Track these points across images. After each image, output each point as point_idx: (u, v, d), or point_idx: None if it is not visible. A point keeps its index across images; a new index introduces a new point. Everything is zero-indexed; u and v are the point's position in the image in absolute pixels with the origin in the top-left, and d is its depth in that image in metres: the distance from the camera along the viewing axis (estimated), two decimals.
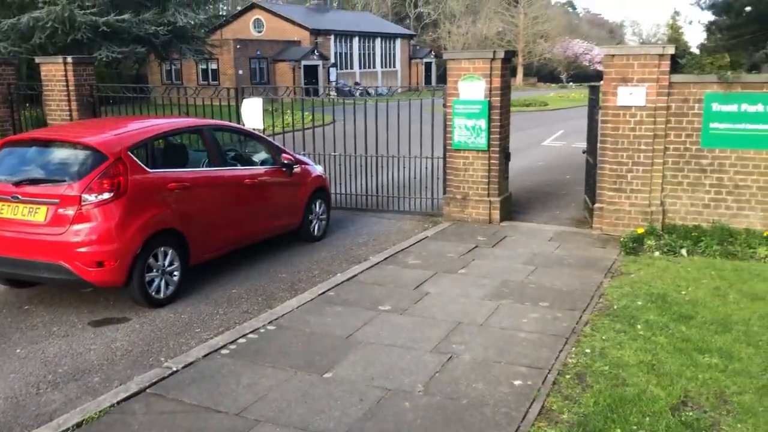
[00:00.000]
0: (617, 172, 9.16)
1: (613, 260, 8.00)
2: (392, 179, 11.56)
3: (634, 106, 8.92)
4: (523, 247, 8.60)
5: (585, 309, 6.30)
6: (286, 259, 8.33)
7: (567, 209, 11.05)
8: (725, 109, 8.66)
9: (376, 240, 9.25)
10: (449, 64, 9.82)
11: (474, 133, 9.70)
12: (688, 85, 8.80)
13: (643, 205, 9.11)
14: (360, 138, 11.05)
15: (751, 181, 8.68)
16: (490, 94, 9.61)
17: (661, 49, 8.73)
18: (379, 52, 59.01)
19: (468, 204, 10.05)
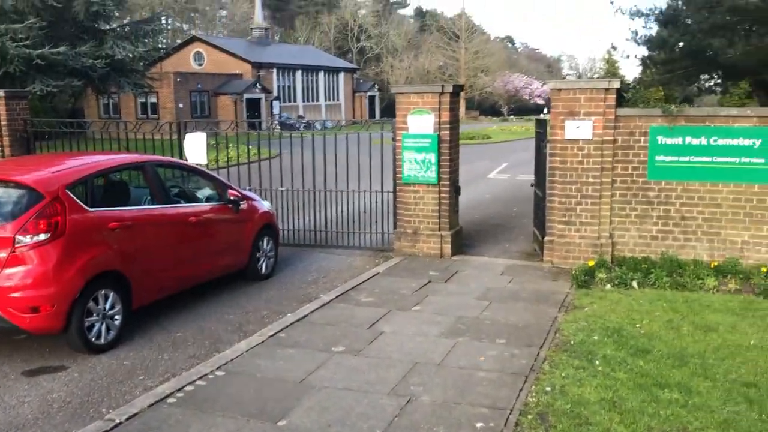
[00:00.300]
0: (566, 204, 9.22)
1: (566, 293, 7.98)
2: (341, 214, 11.38)
3: (581, 140, 9.03)
4: (476, 281, 8.52)
5: (542, 345, 6.20)
6: (233, 300, 8.01)
7: (516, 242, 11.07)
8: (670, 142, 8.84)
9: (327, 277, 9.02)
10: (398, 98, 9.78)
11: (424, 166, 9.64)
12: (634, 118, 8.96)
13: (593, 237, 9.17)
14: (307, 172, 10.87)
15: (697, 212, 8.85)
16: (440, 127, 9.60)
17: (606, 83, 8.88)
18: (323, 86, 59.19)
19: (419, 238, 9.94)
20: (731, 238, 8.76)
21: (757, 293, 7.79)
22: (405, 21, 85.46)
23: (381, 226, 10.74)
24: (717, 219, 8.78)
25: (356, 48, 75.64)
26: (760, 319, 6.81)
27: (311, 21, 76.19)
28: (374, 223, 10.91)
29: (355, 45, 75.54)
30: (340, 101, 61.48)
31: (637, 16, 24.95)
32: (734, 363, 5.64)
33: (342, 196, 11.21)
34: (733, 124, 8.58)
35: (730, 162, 8.63)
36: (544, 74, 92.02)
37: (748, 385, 5.19)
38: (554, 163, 9.23)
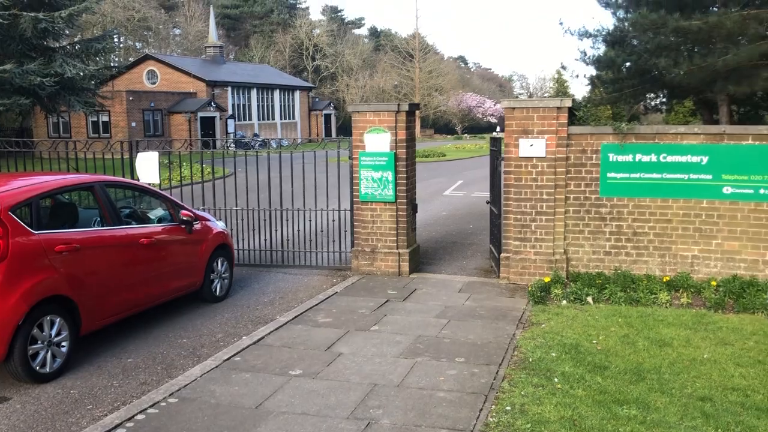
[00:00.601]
0: (521, 221, 9.29)
1: (523, 310, 8.01)
2: (297, 233, 11.26)
3: (535, 157, 9.13)
4: (434, 299, 8.49)
5: (501, 363, 6.19)
6: (186, 323, 7.81)
7: (473, 259, 11.10)
8: (621, 159, 9.00)
9: (283, 298, 8.88)
10: (354, 116, 9.76)
11: (381, 184, 9.62)
12: (586, 136, 9.11)
13: (548, 253, 9.25)
14: (263, 190, 10.74)
15: (648, 228, 9.02)
16: (396, 146, 9.60)
17: (558, 101, 9.01)
18: (278, 104, 58.98)
19: (377, 257, 9.89)
20: (682, 253, 8.94)
21: (708, 307, 7.94)
22: (360, 40, 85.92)
23: (338, 244, 10.67)
24: (668, 234, 8.96)
25: (312, 67, 75.72)
26: (712, 333, 6.93)
27: (266, 40, 76.04)
28: (331, 242, 10.83)
29: (311, 64, 75.62)
30: (296, 119, 61.33)
31: (585, 36, 25.58)
32: (689, 377, 5.71)
33: (299, 215, 11.13)
34: (681, 141, 8.79)
35: (679, 178, 8.83)
36: (496, 93, 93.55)
37: (704, 399, 5.26)
38: (509, 181, 9.31)
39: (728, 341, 6.68)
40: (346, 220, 10.43)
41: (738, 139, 8.58)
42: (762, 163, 8.47)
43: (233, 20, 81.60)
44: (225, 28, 78.34)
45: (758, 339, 6.73)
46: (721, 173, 8.67)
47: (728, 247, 8.75)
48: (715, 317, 7.54)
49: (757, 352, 6.34)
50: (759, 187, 8.52)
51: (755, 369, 5.90)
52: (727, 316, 7.64)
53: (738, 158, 8.58)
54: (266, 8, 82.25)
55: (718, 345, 6.56)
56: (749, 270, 8.65)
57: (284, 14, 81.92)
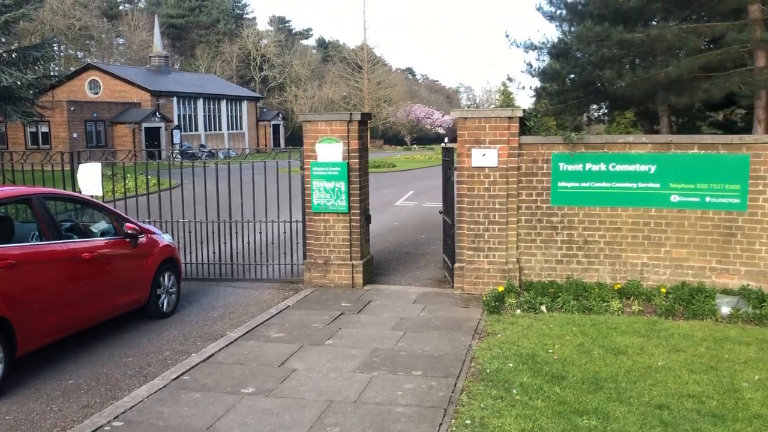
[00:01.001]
0: (475, 231, 9.27)
1: (478, 320, 7.96)
2: (247, 246, 10.99)
3: (487, 167, 9.13)
4: (389, 311, 8.36)
5: (459, 375, 6.10)
6: (132, 340, 7.48)
7: (426, 269, 11.03)
8: (571, 169, 9.08)
9: (233, 313, 8.62)
10: (306, 126, 9.59)
11: (334, 195, 9.47)
12: (537, 146, 9.16)
13: (501, 263, 9.25)
14: (211, 202, 10.46)
15: (599, 236, 9.10)
16: (349, 156, 9.47)
17: (510, 112, 9.04)
18: (225, 114, 58.22)
19: (330, 269, 9.72)
20: (631, 261, 9.06)
21: (659, 314, 8.03)
22: (308, 51, 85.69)
23: (290, 257, 10.46)
24: (617, 242, 9.06)
25: (259, 77, 75.08)
26: (664, 340, 7.00)
27: (212, 50, 75.10)
28: (283, 255, 10.60)
29: (258, 74, 74.98)
30: (243, 130, 60.63)
31: (530, 49, 26.07)
32: (646, 385, 5.73)
33: (249, 227, 10.87)
34: (630, 150, 8.92)
35: (628, 187, 8.95)
36: (443, 105, 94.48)
37: (661, 407, 5.26)
38: (462, 191, 9.29)
39: (681, 348, 6.75)
40: (298, 232, 10.24)
41: (684, 149, 8.75)
42: (707, 171, 8.65)
43: (179, 30, 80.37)
44: (170, 38, 77.05)
45: (709, 345, 6.82)
46: (669, 182, 8.82)
47: (676, 255, 8.90)
48: (666, 324, 7.63)
49: (708, 359, 6.42)
50: (705, 195, 8.70)
51: (708, 375, 5.96)
52: (678, 322, 7.74)
53: (684, 167, 8.74)
54: (212, 18, 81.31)
55: (672, 352, 6.62)
56: (697, 277, 8.80)
57: (231, 24, 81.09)
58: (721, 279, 8.74)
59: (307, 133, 9.60)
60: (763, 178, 8.46)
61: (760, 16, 15.92)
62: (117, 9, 74.38)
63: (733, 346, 6.79)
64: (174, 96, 51.88)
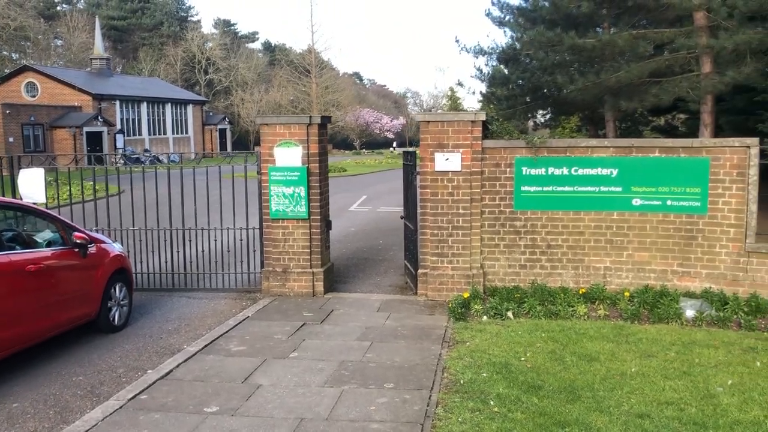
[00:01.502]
0: (438, 236, 9.10)
1: (445, 328, 7.78)
2: (201, 254, 10.56)
3: (450, 171, 8.98)
4: (353, 320, 8.11)
5: (432, 387, 5.89)
6: (82, 357, 7.02)
7: (387, 276, 10.82)
8: (534, 173, 9.00)
9: (190, 325, 8.21)
10: (263, 129, 9.27)
11: (293, 201, 9.16)
12: (500, 150, 9.05)
13: (465, 268, 9.10)
14: (163, 208, 10.01)
15: (562, 240, 9.05)
16: (309, 160, 9.18)
17: (473, 115, 8.92)
18: (170, 118, 56.91)
19: (289, 277, 9.40)
20: (594, 265, 9.03)
21: (625, 318, 8.00)
22: (254, 55, 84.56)
23: (247, 265, 10.08)
24: (580, 246, 9.03)
25: (204, 80, 73.71)
26: (634, 345, 6.95)
27: (156, 53, 73.37)
28: (239, 263, 10.22)
29: (204, 77, 73.62)
30: (189, 134, 59.38)
31: (480, 54, 26.24)
32: (623, 393, 5.63)
33: (203, 235, 10.46)
34: (592, 154, 8.90)
35: (590, 191, 8.92)
36: (391, 109, 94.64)
37: (642, 416, 5.16)
38: (425, 195, 9.11)
39: (651, 353, 6.70)
40: (255, 239, 9.89)
41: (646, 152, 8.77)
42: (668, 175, 8.69)
43: (121, 32, 78.31)
44: (112, 40, 75.00)
45: (678, 350, 6.79)
46: (631, 185, 8.84)
47: (639, 258, 8.91)
48: (633, 328, 7.60)
49: (680, 363, 6.38)
50: (666, 198, 8.73)
51: (683, 381, 5.90)
52: (645, 326, 7.72)
53: (646, 171, 8.77)
54: (156, 20, 79.47)
55: (643, 357, 6.56)
56: (659, 280, 8.83)
57: (175, 27, 79.40)
58: (682, 282, 8.78)
59: (264, 137, 9.27)
60: (722, 181, 8.54)
61: (705, 23, 16.29)
62: (54, 9, 71.92)
63: (702, 350, 6.78)
64: (117, 99, 50.40)
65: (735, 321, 7.81)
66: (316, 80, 75.09)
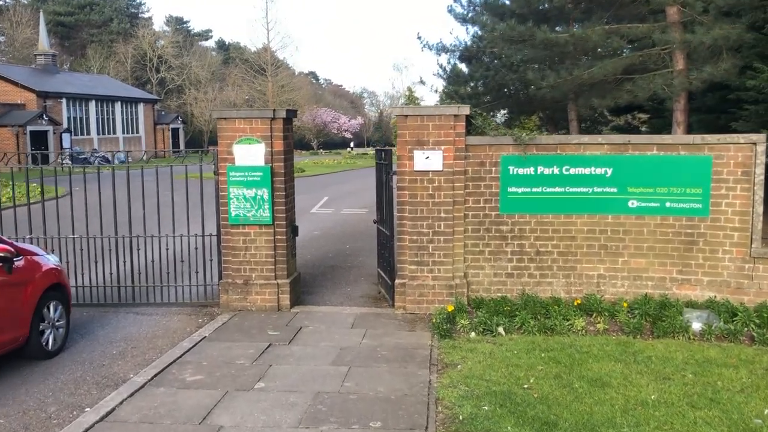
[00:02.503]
0: (418, 243, 8.23)
1: (430, 347, 6.91)
2: (151, 264, 9.45)
3: (431, 171, 8.12)
4: (326, 339, 7.17)
5: (427, 425, 5.00)
6: (5, 393, 5.91)
7: (357, 285, 9.92)
8: (522, 172, 8.21)
9: (137, 348, 7.15)
10: (220, 124, 8.26)
11: (255, 204, 8.18)
12: (485, 147, 8.23)
13: (447, 278, 8.25)
14: (108, 213, 8.88)
15: (552, 246, 8.28)
16: (272, 158, 8.21)
17: (456, 109, 8.07)
18: (120, 117, 54.78)
19: (251, 289, 8.41)
20: (587, 272, 8.29)
21: (627, 332, 7.26)
22: (208, 53, 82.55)
23: (203, 276, 9.03)
24: (572, 252, 8.27)
25: (156, 79, 71.49)
26: (645, 366, 6.19)
27: (105, 50, 70.90)
28: (194, 274, 9.14)
29: (155, 76, 71.40)
30: (140, 134, 57.33)
31: (443, 51, 25.63)
32: (650, 430, 4.83)
33: (153, 243, 9.35)
34: (584, 152, 8.14)
35: (583, 192, 8.18)
36: (348, 110, 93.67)
37: None
38: (403, 198, 8.23)
39: (666, 375, 5.95)
40: (213, 247, 8.85)
41: (643, 150, 8.06)
42: (667, 174, 7.99)
43: (68, 28, 75.51)
44: (59, 37, 72.23)
45: (695, 370, 6.06)
46: (627, 186, 8.11)
47: (635, 265, 8.20)
48: (638, 345, 6.85)
49: (702, 387, 5.63)
50: (665, 200, 8.03)
51: (713, 411, 5.14)
52: (650, 342, 6.98)
53: (643, 170, 8.06)
54: (105, 17, 76.88)
55: (659, 381, 5.80)
56: (657, 288, 8.12)
57: (125, 23, 76.96)
58: (682, 290, 8.09)
59: (222, 132, 8.27)
60: (725, 180, 7.88)
61: (678, 18, 15.81)
62: None
63: (721, 370, 6.06)
64: (63, 97, 48.18)
65: (747, 334, 7.13)
66: (272, 79, 73.63)
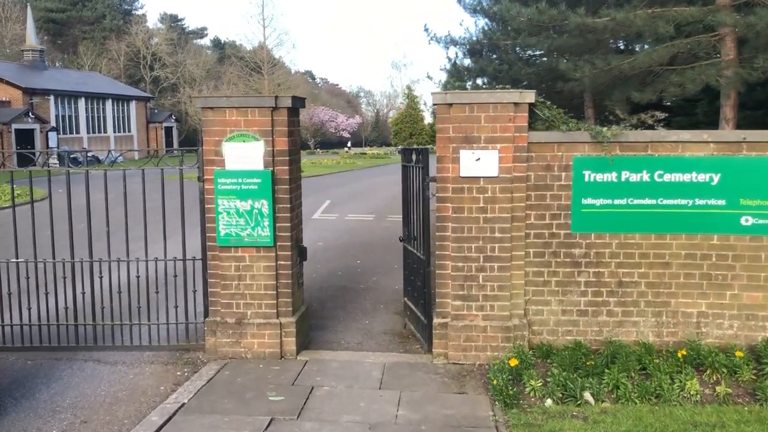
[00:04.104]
0: (464, 272, 6.29)
1: (494, 422, 4.98)
2: (117, 295, 7.39)
3: (483, 177, 6.18)
4: (348, 409, 5.21)
5: None
6: None
7: (377, 315, 8.00)
8: (601, 179, 6.28)
9: (89, 422, 5.17)
10: (206, 115, 6.30)
11: (252, 220, 6.22)
12: (552, 146, 6.29)
13: (502, 317, 6.32)
14: (60, 231, 6.88)
15: (639, 275, 6.35)
16: (275, 161, 6.25)
17: (517, 95, 6.12)
18: (111, 115, 52.68)
19: (246, 331, 6.45)
20: (684, 309, 6.36)
21: (760, 399, 5.32)
22: (203, 51, 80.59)
23: (184, 312, 7.01)
24: (665, 284, 6.34)
25: (150, 77, 69.38)
26: None
27: (98, 47, 68.85)
28: (172, 309, 7.11)
29: (149, 74, 69.29)
30: (132, 132, 55.23)
31: (452, 44, 24.20)
32: None
33: (118, 268, 7.30)
34: (683, 153, 6.21)
35: (680, 205, 6.25)
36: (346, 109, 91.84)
37: None
38: (445, 212, 6.29)
39: None
40: (197, 274, 6.86)
41: (762, 150, 6.13)
42: None
43: (60, 25, 73.53)
44: (51, 34, 70.26)
45: None
46: (739, 197, 6.18)
47: (748, 300, 6.27)
48: None
49: None
50: None
51: None
52: None
53: (762, 176, 6.13)
54: (97, 13, 74.92)
55: None
56: None
57: (118, 20, 75.00)
58: None
59: (208, 127, 6.31)
60: None
61: (729, 0, 13.92)
62: None
63: None
64: (51, 94, 46.10)
65: None
66: (268, 77, 71.62)
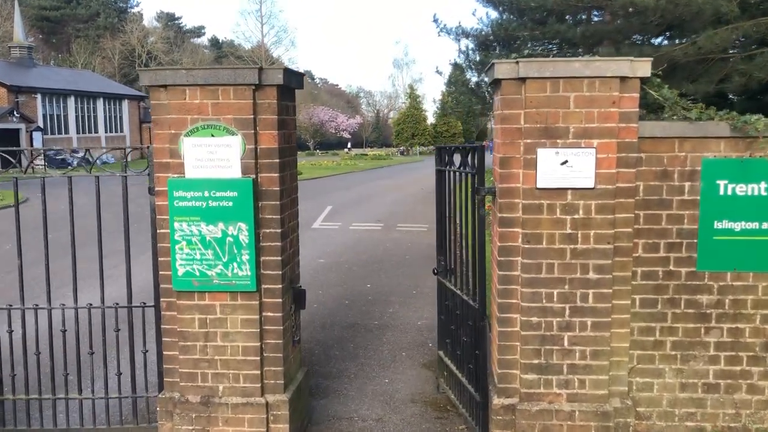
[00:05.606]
0: (541, 331, 4.23)
1: None
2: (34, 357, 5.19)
3: (571, 189, 4.11)
4: None
5: None
6: None
7: (398, 367, 5.97)
8: (742, 192, 4.24)
9: None
10: (157, 97, 4.21)
11: (224, 254, 4.15)
12: (672, 142, 4.24)
13: (598, 397, 4.26)
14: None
15: None
16: (258, 165, 4.17)
17: (627, 65, 4.04)
18: (102, 115, 50.61)
19: (217, 414, 4.38)
20: None
21: None
22: (200, 50, 78.95)
23: (130, 381, 4.89)
24: None
25: None
26: None
27: (92, 45, 67.10)
28: (112, 377, 5.01)
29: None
30: (124, 132, 53.20)
31: (463, 36, 23.05)
32: None
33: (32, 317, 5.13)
34: None
35: None
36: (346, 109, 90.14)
37: None
38: (511, 241, 4.23)
39: None
40: (150, 326, 4.78)
41: None
42: None
43: (53, 23, 71.95)
44: (44, 32, 68.58)
45: None
46: None
47: None
48: None
49: None
50: None
51: None
52: None
53: None
54: (91, 11, 73.31)
55: None
56: None
57: (113, 18, 73.39)
58: None
59: (160, 113, 4.23)
60: None
61: None
62: None
63: None
64: (38, 92, 44.05)
65: None
66: None
